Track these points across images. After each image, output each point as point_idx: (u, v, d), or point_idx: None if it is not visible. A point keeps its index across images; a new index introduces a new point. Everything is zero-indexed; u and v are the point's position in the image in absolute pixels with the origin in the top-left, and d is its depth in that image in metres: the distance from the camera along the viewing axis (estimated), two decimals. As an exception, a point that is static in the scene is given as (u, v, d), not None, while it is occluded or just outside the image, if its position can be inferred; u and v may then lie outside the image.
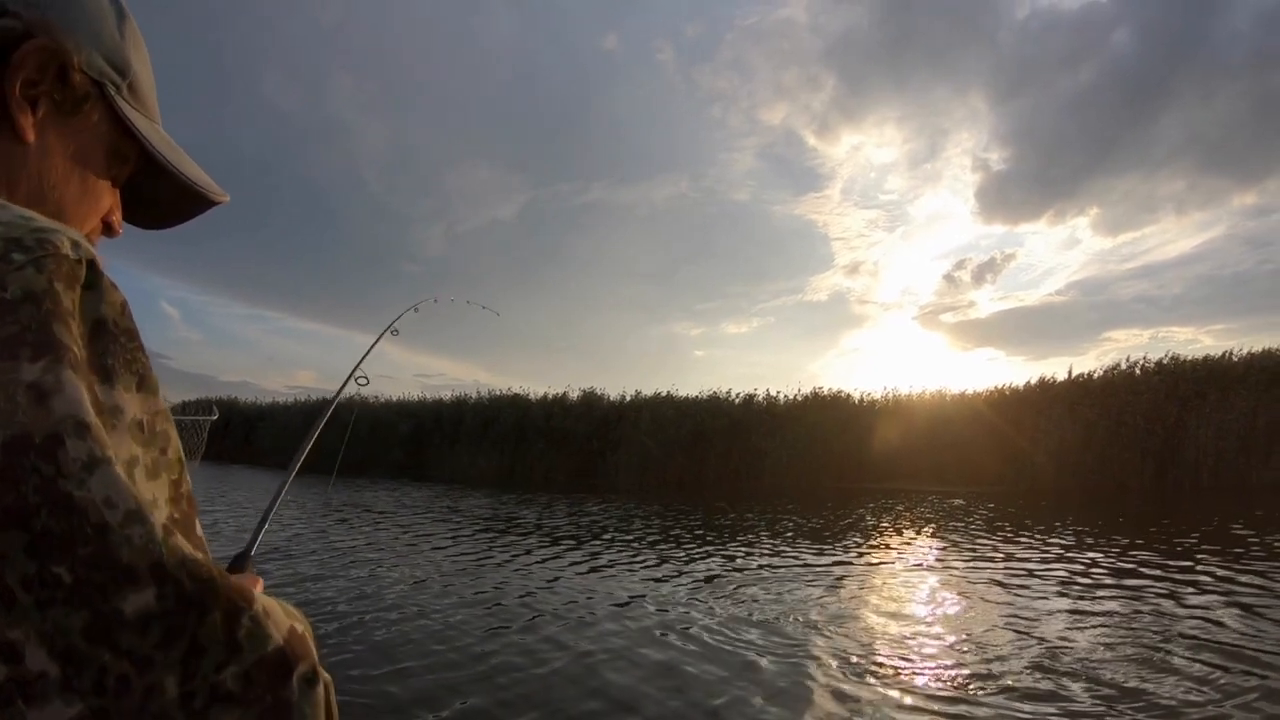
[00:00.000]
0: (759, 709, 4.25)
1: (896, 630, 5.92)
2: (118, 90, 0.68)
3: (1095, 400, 19.19)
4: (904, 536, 11.16)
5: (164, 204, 0.80)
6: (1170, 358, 19.84)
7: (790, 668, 4.93)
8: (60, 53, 0.62)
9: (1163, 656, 5.07)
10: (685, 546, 10.30)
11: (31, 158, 0.63)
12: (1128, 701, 4.28)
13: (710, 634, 5.73)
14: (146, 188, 0.77)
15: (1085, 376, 20.35)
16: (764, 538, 11.06)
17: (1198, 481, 17.48)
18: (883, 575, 8.14)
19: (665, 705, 4.28)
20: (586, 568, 8.62)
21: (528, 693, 4.50)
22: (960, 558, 9.03)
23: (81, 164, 0.67)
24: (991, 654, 5.20)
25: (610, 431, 22.89)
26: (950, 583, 7.67)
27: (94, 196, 0.70)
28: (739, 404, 22.82)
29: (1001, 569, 8.29)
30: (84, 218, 0.70)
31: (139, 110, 0.71)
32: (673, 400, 23.07)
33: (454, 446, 25.58)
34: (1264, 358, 18.83)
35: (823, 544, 10.38)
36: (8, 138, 0.61)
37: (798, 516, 13.65)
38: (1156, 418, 18.33)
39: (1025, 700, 4.31)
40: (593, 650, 5.33)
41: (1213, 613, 6.12)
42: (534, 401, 25.76)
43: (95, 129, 0.68)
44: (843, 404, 22.17)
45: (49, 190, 0.65)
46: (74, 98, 0.65)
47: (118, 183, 0.73)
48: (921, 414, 21.35)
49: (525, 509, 14.88)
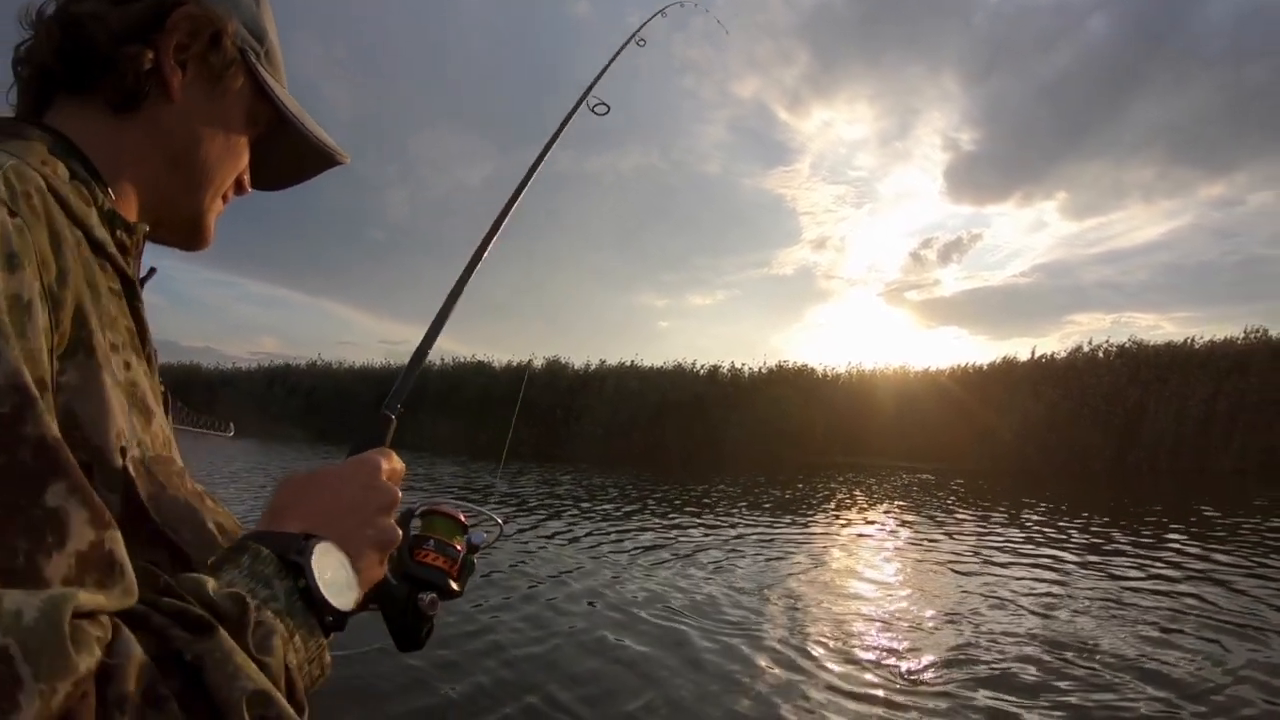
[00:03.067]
0: (709, 684, 3.91)
1: (857, 605, 5.56)
2: (257, 57, 0.69)
3: (1058, 381, 18.77)
4: (868, 511, 10.62)
5: (289, 164, 0.81)
6: (1133, 342, 19.52)
7: (732, 646, 4.51)
8: (212, 19, 0.64)
9: (1127, 630, 4.86)
10: (646, 518, 9.77)
11: (178, 116, 0.65)
12: (1100, 673, 4.04)
13: (658, 607, 5.32)
14: (274, 149, 0.77)
15: (1048, 358, 19.99)
16: (725, 510, 10.51)
17: (1156, 464, 17.09)
18: (847, 549, 7.70)
19: (617, 680, 3.93)
20: (565, 539, 8.07)
21: (495, 672, 4.05)
22: (923, 533, 8.55)
23: (224, 124, 0.69)
24: (949, 629, 4.90)
25: (574, 400, 22.14)
26: (913, 557, 7.25)
27: (233, 154, 0.71)
28: (703, 376, 22.19)
29: (966, 544, 7.86)
30: (224, 174, 0.71)
31: (274, 75, 0.72)
32: (637, 370, 22.37)
33: (417, 414, 24.71)
34: (1225, 345, 18.52)
35: (785, 517, 9.86)
36: (157, 97, 0.63)
37: (760, 489, 13.06)
38: (1118, 400, 17.94)
39: (985, 675, 4.03)
40: (538, 623, 4.90)
41: (1177, 586, 5.96)
42: (499, 369, 24.98)
43: (237, 92, 0.69)
44: (807, 378, 21.61)
45: (193, 147, 0.67)
46: (222, 62, 0.66)
47: (251, 143, 0.73)
48: (886, 389, 20.86)
49: (495, 479, 14.22)
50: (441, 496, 0.90)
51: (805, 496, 12.20)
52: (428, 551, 0.71)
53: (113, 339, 0.53)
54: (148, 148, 0.64)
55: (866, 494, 12.60)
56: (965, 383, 19.89)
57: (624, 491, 12.72)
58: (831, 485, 13.88)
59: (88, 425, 0.48)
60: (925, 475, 15.71)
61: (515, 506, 10.47)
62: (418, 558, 0.71)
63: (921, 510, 10.53)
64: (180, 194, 0.69)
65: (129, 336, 0.58)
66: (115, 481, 0.49)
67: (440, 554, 0.72)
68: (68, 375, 0.47)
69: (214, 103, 0.67)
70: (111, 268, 0.58)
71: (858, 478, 15.31)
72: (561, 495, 11.97)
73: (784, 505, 11.06)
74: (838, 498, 12.03)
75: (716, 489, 13.05)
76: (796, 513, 10.26)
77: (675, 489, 13.13)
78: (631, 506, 10.86)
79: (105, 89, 0.62)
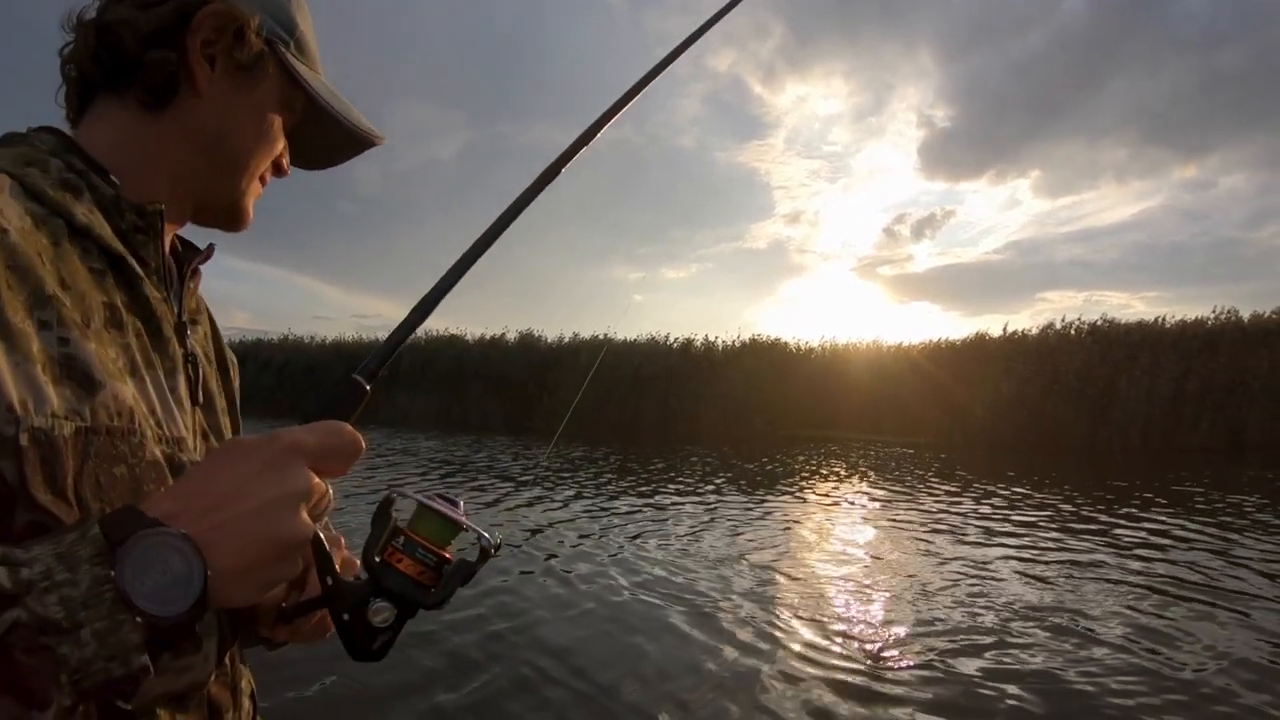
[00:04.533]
0: (685, 653, 3.86)
1: (833, 576, 5.48)
2: (287, 47, 0.73)
3: (1030, 358, 18.57)
4: (842, 484, 10.49)
5: (327, 147, 0.84)
6: (1104, 320, 19.33)
7: (708, 615, 4.44)
8: (236, 16, 0.67)
9: (1108, 598, 4.83)
10: (620, 491, 9.67)
11: (208, 109, 0.69)
12: (1083, 647, 3.97)
13: (635, 578, 5.25)
14: (312, 132, 0.80)
15: (1021, 334, 19.73)
16: (699, 483, 10.37)
17: (1127, 442, 16.98)
18: (822, 521, 7.67)
19: (592, 655, 3.82)
20: (540, 510, 8.04)
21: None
22: (899, 506, 8.47)
23: (257, 113, 0.72)
24: (925, 600, 4.82)
25: (547, 374, 21.72)
26: (889, 530, 7.17)
27: (268, 141, 0.75)
28: (677, 349, 21.75)
29: (941, 517, 7.82)
30: (258, 160, 0.75)
31: (305, 64, 0.75)
32: (611, 344, 21.95)
33: (390, 389, 24.19)
34: (1195, 325, 18.37)
35: (759, 490, 9.77)
36: (188, 91, 0.68)
37: (734, 462, 12.87)
38: (1089, 378, 17.78)
39: (964, 645, 3.96)
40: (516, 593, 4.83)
41: (1154, 556, 5.97)
42: (472, 343, 24.47)
43: (269, 82, 0.72)
44: (780, 351, 21.19)
45: (224, 136, 0.71)
46: (249, 55, 0.69)
47: (287, 128, 0.77)
48: (858, 364, 20.53)
49: (474, 452, 14.02)
50: (443, 489, 0.72)
51: (779, 469, 11.97)
52: (397, 553, 0.61)
53: (43, 317, 0.54)
54: (180, 139, 0.69)
55: (840, 467, 12.38)
56: (938, 358, 19.62)
57: (599, 464, 12.44)
58: (805, 458, 13.64)
59: None
60: (899, 449, 15.53)
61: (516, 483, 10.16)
62: (385, 558, 0.61)
63: (896, 484, 10.35)
64: (216, 181, 0.73)
65: (103, 311, 0.60)
66: (7, 450, 0.50)
67: (412, 559, 0.60)
68: None
69: (243, 94, 0.71)
70: (97, 249, 0.62)
71: (831, 451, 15.10)
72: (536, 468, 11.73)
73: (758, 478, 10.86)
74: (812, 471, 11.81)
75: (689, 462, 12.79)
76: (771, 486, 10.07)
77: (649, 462, 12.85)
78: (606, 478, 10.62)
79: (137, 88, 0.67)
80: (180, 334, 0.70)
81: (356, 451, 0.56)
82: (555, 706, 3.25)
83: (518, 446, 15.26)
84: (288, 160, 0.79)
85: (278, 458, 0.51)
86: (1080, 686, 3.45)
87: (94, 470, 0.55)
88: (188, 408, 0.69)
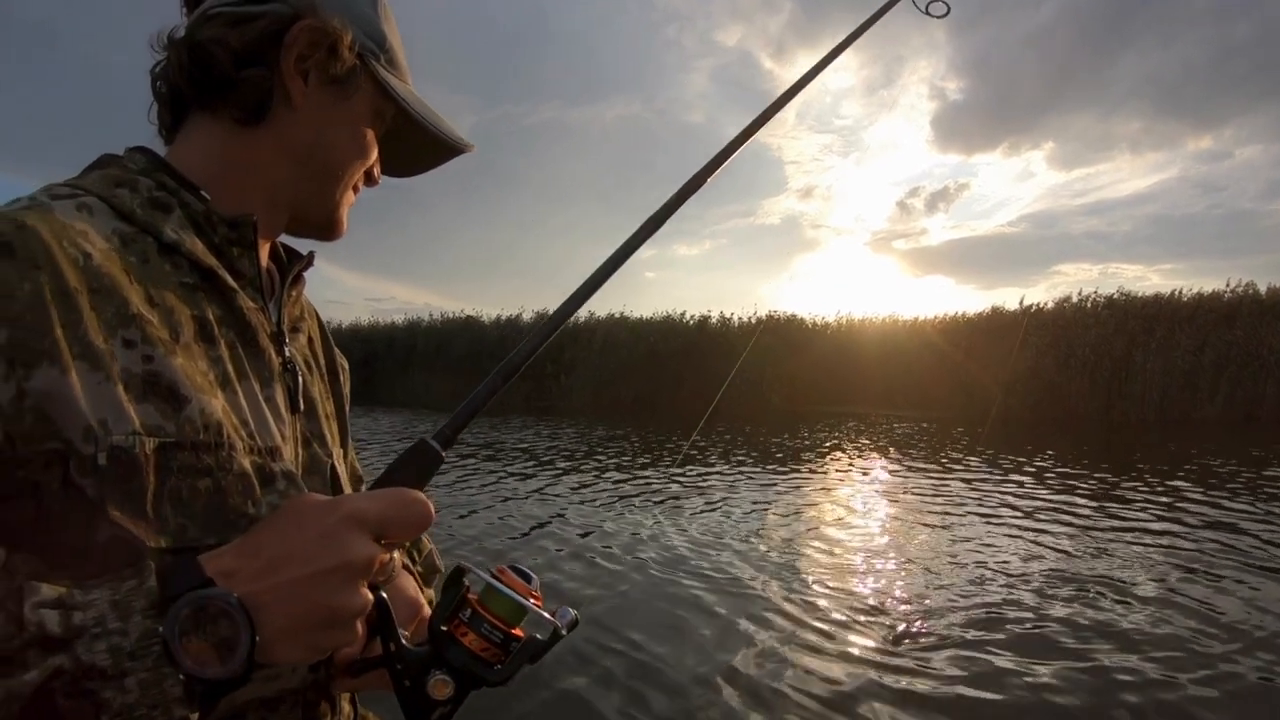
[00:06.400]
0: (707, 628, 3.83)
1: (859, 552, 5.44)
2: (378, 60, 0.73)
3: (1046, 332, 18.43)
4: (862, 460, 10.40)
5: (417, 155, 0.84)
6: (1121, 294, 19.13)
7: (733, 594, 4.39)
8: (329, 31, 0.67)
9: (1140, 569, 4.77)
10: (643, 468, 9.77)
11: (303, 122, 0.70)
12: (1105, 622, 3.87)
13: (659, 554, 5.24)
14: (402, 141, 0.80)
15: (1037, 308, 19.54)
16: (720, 460, 10.32)
17: (1144, 415, 16.88)
18: (845, 496, 7.62)
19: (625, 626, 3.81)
20: (555, 488, 8.04)
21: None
22: (919, 482, 8.37)
23: (348, 125, 0.73)
24: (953, 576, 4.74)
25: (563, 353, 21.72)
26: (909, 506, 7.08)
27: (362, 152, 0.75)
28: (693, 326, 21.63)
29: (968, 492, 7.78)
30: (352, 170, 0.75)
31: (396, 76, 0.76)
32: (626, 322, 21.88)
33: (407, 371, 24.26)
34: (1212, 299, 18.17)
35: (780, 466, 9.73)
36: (283, 105, 0.68)
37: (752, 439, 12.80)
38: (1105, 351, 17.65)
39: (985, 629, 3.82)
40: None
41: (1181, 529, 5.82)
42: (488, 324, 24.46)
43: (361, 94, 0.72)
44: (796, 327, 21.01)
45: (319, 149, 0.71)
46: (342, 69, 0.70)
47: (378, 138, 0.77)
48: (874, 339, 20.40)
49: (499, 433, 14.01)
50: (515, 561, 0.66)
51: (800, 446, 11.92)
52: (463, 625, 0.59)
53: (127, 335, 0.56)
54: (276, 153, 0.70)
55: (861, 443, 12.31)
56: (954, 332, 19.43)
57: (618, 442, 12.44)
58: (825, 434, 13.58)
59: (58, 421, 0.51)
60: (917, 424, 15.45)
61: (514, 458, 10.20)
62: (450, 628, 0.59)
63: (918, 459, 10.29)
64: (312, 192, 0.74)
65: (193, 325, 0.61)
66: (86, 468, 0.51)
67: (478, 634, 0.59)
68: (33, 382, 0.50)
69: (337, 107, 0.71)
70: (188, 264, 0.63)
71: (851, 427, 15.03)
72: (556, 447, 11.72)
73: (779, 455, 10.82)
74: (832, 447, 11.74)
75: (709, 439, 12.73)
76: (793, 462, 10.01)
77: (668, 439, 12.84)
78: (625, 457, 10.61)
79: (231, 105, 0.68)
80: (278, 342, 0.70)
81: (425, 522, 0.54)
82: (597, 673, 3.29)
83: (540, 425, 15.28)
84: (379, 169, 0.79)
85: (338, 527, 0.50)
86: (1117, 661, 3.39)
87: (176, 485, 0.55)
88: (286, 416, 0.69)
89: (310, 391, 0.75)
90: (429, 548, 0.96)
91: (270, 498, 0.61)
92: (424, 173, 0.88)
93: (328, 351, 0.86)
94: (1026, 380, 17.85)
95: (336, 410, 0.83)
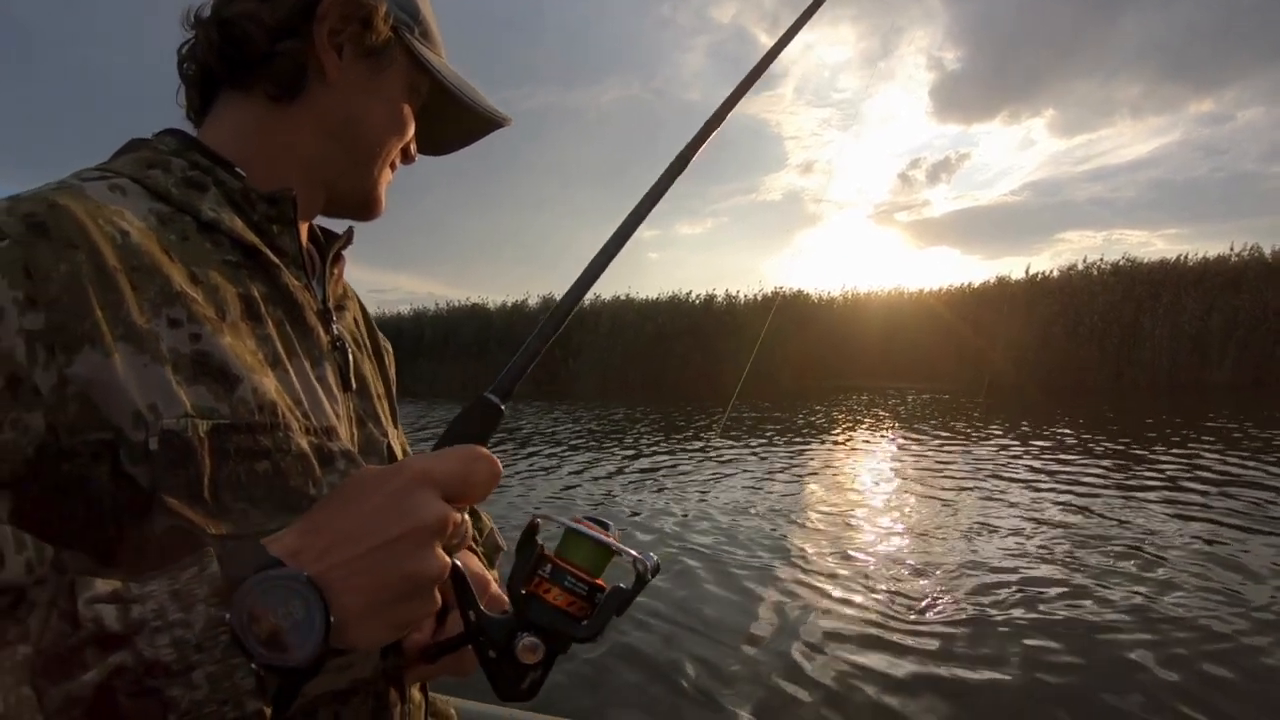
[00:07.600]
0: (726, 607, 3.86)
1: (875, 527, 5.40)
2: (412, 33, 0.70)
3: (1053, 300, 18.33)
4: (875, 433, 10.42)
5: (454, 130, 0.82)
6: (1127, 260, 19.02)
7: (751, 570, 4.42)
8: (363, 3, 0.65)
9: (1169, 532, 4.77)
10: (659, 448, 9.74)
11: (338, 97, 0.67)
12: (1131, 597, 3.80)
13: (677, 532, 5.27)
14: (438, 116, 0.77)
15: (1043, 276, 19.44)
16: (733, 437, 10.33)
17: (1154, 381, 16.82)
18: (857, 471, 7.66)
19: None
20: (572, 471, 8.03)
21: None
22: (935, 454, 8.39)
23: (384, 99, 0.70)
24: (973, 547, 4.71)
25: (570, 338, 21.68)
26: (926, 478, 7.10)
27: (397, 126, 0.72)
28: (699, 305, 21.54)
29: (983, 462, 7.78)
30: (389, 146, 0.72)
31: (430, 49, 0.73)
32: (633, 303, 21.81)
33: (415, 361, 24.26)
34: (1218, 263, 18.05)
35: (791, 442, 9.73)
36: (317, 80, 0.66)
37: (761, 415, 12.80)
38: (1113, 318, 17.56)
39: (998, 604, 3.79)
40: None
41: (1201, 495, 5.76)
42: (494, 311, 24.43)
43: (396, 67, 0.70)
44: (802, 303, 20.90)
45: (354, 123, 0.69)
46: (376, 42, 0.67)
47: (414, 112, 0.74)
48: (880, 312, 20.31)
49: (513, 419, 13.94)
50: (592, 512, 0.63)
51: (814, 421, 11.92)
52: (545, 582, 0.56)
53: (172, 314, 0.53)
54: (312, 129, 0.67)
55: (873, 417, 12.31)
56: (960, 303, 19.35)
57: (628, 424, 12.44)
58: (835, 410, 13.57)
59: (105, 408, 0.48)
60: (927, 396, 15.43)
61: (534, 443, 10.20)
62: (532, 588, 0.56)
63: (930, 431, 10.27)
64: (348, 168, 0.71)
65: (239, 303, 0.59)
66: (137, 455, 0.49)
67: (561, 588, 0.55)
68: (75, 368, 0.48)
69: (371, 80, 0.69)
70: (229, 242, 0.61)
71: (860, 401, 15.01)
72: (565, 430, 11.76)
73: (791, 431, 10.81)
74: (844, 421, 11.75)
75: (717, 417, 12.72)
76: (808, 438, 10.02)
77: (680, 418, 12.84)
78: (637, 437, 10.64)
79: (264, 81, 0.65)
80: (325, 320, 0.68)
81: (494, 477, 0.51)
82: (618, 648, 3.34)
83: (554, 411, 15.25)
84: (415, 146, 0.77)
85: (405, 489, 0.47)
86: (1147, 626, 3.40)
87: (234, 469, 0.53)
88: (338, 395, 0.66)
89: (361, 369, 0.73)
90: (489, 526, 0.92)
91: (331, 478, 0.58)
92: (462, 148, 0.85)
93: (371, 333, 0.83)
94: (1036, 348, 17.77)
95: (386, 391, 0.81)
